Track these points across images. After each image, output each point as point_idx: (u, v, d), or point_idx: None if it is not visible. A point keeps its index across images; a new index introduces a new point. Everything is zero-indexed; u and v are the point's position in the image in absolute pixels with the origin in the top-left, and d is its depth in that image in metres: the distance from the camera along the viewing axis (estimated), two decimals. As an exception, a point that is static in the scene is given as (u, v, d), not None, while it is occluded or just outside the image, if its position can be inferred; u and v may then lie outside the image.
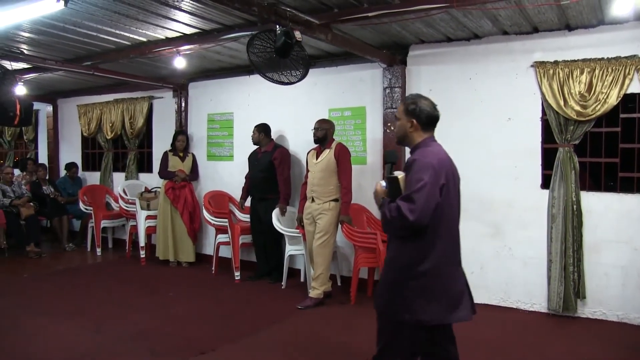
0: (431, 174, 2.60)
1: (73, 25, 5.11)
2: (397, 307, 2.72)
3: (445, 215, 2.70)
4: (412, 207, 2.53)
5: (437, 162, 2.68)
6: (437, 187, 2.62)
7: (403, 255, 2.73)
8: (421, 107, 2.84)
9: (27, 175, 9.52)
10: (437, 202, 2.61)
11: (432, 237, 2.67)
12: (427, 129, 2.88)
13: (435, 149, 2.82)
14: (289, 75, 4.52)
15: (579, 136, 5.04)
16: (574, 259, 5.04)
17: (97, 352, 4.22)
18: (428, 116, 2.86)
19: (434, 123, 2.92)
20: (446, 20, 4.89)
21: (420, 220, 2.55)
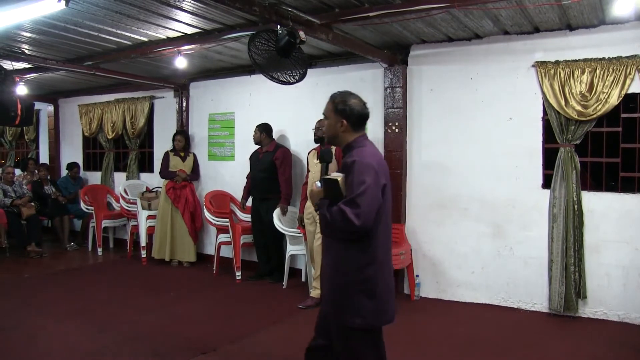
0: (373, 175, 2.54)
1: (74, 25, 5.12)
2: (347, 313, 2.63)
3: (383, 216, 2.65)
4: (357, 212, 2.46)
5: (376, 162, 2.61)
6: (379, 188, 2.57)
7: (348, 258, 2.63)
8: (351, 106, 2.74)
9: (28, 175, 9.54)
10: (379, 204, 2.57)
11: (374, 238, 2.62)
12: (358, 129, 2.78)
13: (370, 148, 2.74)
14: (288, 75, 4.52)
15: (580, 136, 5.04)
16: (575, 258, 5.04)
17: (98, 352, 4.22)
18: (359, 116, 2.76)
19: (364, 122, 2.81)
20: (447, 20, 4.89)
21: (366, 224, 2.48)
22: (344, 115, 2.73)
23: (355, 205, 2.46)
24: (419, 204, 5.93)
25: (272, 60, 4.35)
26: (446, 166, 5.74)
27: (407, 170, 5.96)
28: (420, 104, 5.89)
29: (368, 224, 2.49)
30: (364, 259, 2.61)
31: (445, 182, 5.75)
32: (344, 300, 2.64)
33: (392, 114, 5.92)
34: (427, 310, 5.44)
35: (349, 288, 2.63)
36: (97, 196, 8.71)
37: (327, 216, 2.55)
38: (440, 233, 5.80)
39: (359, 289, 2.61)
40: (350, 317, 2.62)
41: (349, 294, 2.63)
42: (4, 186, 8.23)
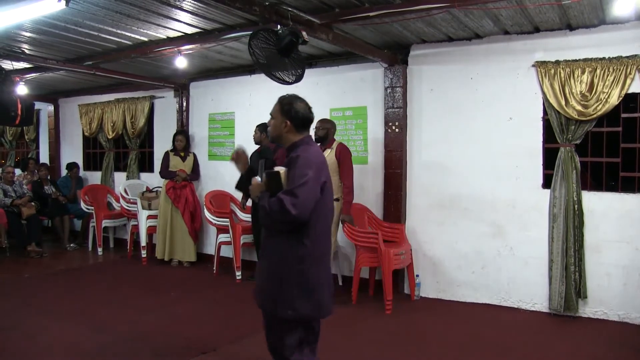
0: (314, 170, 2.67)
1: (74, 25, 5.12)
2: (280, 303, 2.74)
3: (322, 212, 2.76)
4: (295, 201, 2.56)
5: (317, 159, 2.76)
6: (319, 184, 2.69)
7: (285, 251, 2.74)
8: (296, 109, 2.86)
9: (29, 175, 9.54)
10: (317, 199, 2.67)
11: (311, 233, 2.72)
12: (302, 130, 2.89)
13: (314, 148, 2.87)
14: (287, 75, 4.52)
15: (580, 136, 5.04)
16: (575, 258, 5.04)
17: (98, 352, 4.22)
18: (303, 118, 2.87)
19: (308, 125, 2.93)
20: (447, 20, 4.89)
21: (302, 214, 2.58)
22: (288, 116, 2.85)
23: (294, 195, 2.58)
24: (419, 204, 5.93)
25: (272, 59, 4.35)
26: (446, 166, 5.74)
27: (407, 170, 5.96)
28: (421, 103, 5.89)
29: (304, 215, 2.60)
30: (300, 252, 2.71)
31: (446, 182, 5.75)
32: (278, 291, 2.76)
33: (392, 113, 5.92)
34: (427, 310, 5.44)
35: (283, 280, 2.74)
36: (97, 196, 8.71)
37: (266, 207, 2.66)
38: (441, 233, 5.80)
39: (294, 281, 2.72)
40: (283, 309, 2.74)
41: (284, 285, 2.74)
42: (4, 186, 8.24)
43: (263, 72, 4.40)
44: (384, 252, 5.28)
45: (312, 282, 2.74)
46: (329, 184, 2.81)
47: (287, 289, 2.72)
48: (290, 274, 2.72)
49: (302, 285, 2.72)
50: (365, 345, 4.45)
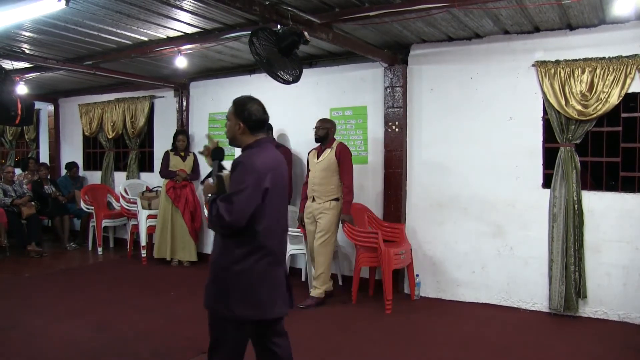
0: (254, 177, 2.66)
1: (74, 25, 5.12)
2: (220, 304, 2.75)
3: (268, 216, 2.74)
4: (230, 208, 2.59)
5: (261, 165, 2.72)
6: (259, 190, 2.67)
7: (226, 253, 2.74)
8: (250, 110, 2.86)
9: (29, 175, 9.54)
10: (257, 205, 2.66)
11: (254, 236, 2.72)
12: (256, 132, 2.88)
13: (264, 151, 2.84)
14: (286, 74, 4.52)
15: (580, 136, 5.04)
16: (575, 258, 5.04)
17: (98, 352, 4.22)
18: (256, 120, 2.87)
19: (263, 126, 2.92)
20: (447, 19, 4.89)
21: (236, 222, 2.60)
22: (242, 119, 2.85)
23: (229, 202, 2.61)
24: (419, 204, 5.93)
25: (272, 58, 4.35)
26: (446, 166, 5.74)
27: (407, 170, 5.96)
28: (421, 103, 5.89)
29: (238, 222, 2.61)
30: (240, 254, 2.71)
31: (446, 181, 5.75)
32: (217, 289, 2.76)
33: (392, 113, 5.93)
34: (427, 310, 5.44)
35: (223, 279, 2.75)
36: (97, 196, 8.70)
37: (211, 210, 2.68)
38: (441, 233, 5.81)
39: (232, 281, 2.72)
40: (218, 306, 2.76)
41: (222, 284, 2.74)
42: (4, 186, 8.24)
43: (264, 68, 4.40)
44: (384, 251, 5.28)
45: (251, 283, 2.72)
46: (278, 189, 2.80)
47: (224, 288, 2.73)
48: (228, 274, 2.73)
49: (239, 285, 2.71)
50: (365, 344, 4.45)
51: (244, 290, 2.72)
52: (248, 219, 2.64)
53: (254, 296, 2.74)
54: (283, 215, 2.94)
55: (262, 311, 2.78)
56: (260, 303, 2.76)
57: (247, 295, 2.73)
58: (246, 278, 2.72)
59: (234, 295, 2.72)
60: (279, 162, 2.89)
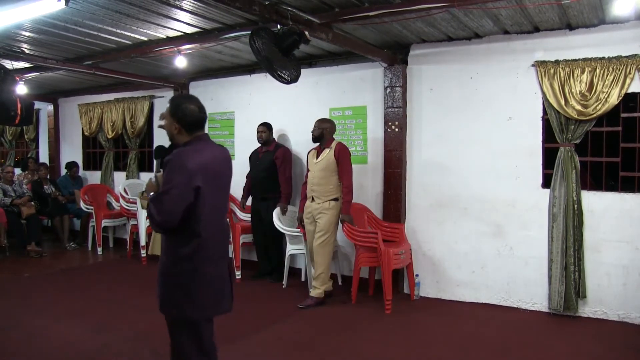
0: (183, 175, 2.60)
1: (74, 25, 5.11)
2: (167, 304, 2.74)
3: (205, 214, 2.69)
4: (159, 208, 2.58)
5: (192, 163, 2.65)
6: (189, 188, 2.60)
7: (168, 252, 2.74)
8: (184, 111, 2.78)
9: (29, 175, 9.54)
10: (189, 203, 2.61)
11: (193, 236, 2.68)
12: (192, 131, 2.82)
13: (199, 149, 2.77)
14: (285, 74, 4.53)
15: (579, 135, 5.04)
16: (574, 258, 5.04)
17: (98, 352, 4.22)
18: (191, 120, 2.80)
19: (200, 126, 2.85)
20: (447, 19, 4.89)
21: (166, 222, 2.59)
22: (176, 118, 2.79)
23: (159, 202, 2.59)
24: (418, 204, 5.93)
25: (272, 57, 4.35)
26: (446, 166, 5.74)
27: (406, 170, 5.96)
28: (420, 103, 5.89)
29: (168, 221, 2.59)
30: (181, 253, 2.68)
31: (445, 181, 5.75)
32: (163, 290, 2.76)
33: (391, 113, 5.93)
34: (427, 310, 5.45)
35: (167, 279, 2.74)
36: (97, 196, 8.70)
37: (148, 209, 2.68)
38: (440, 232, 5.81)
39: (175, 281, 2.71)
40: (168, 308, 2.75)
41: (167, 285, 2.74)
42: (3, 185, 8.23)
43: (265, 67, 4.39)
44: (384, 251, 5.28)
45: (194, 283, 2.70)
46: (214, 187, 2.75)
47: (171, 288, 2.72)
48: (172, 274, 2.71)
49: (185, 286, 2.69)
50: (364, 344, 4.45)
51: (190, 290, 2.69)
52: (185, 218, 2.61)
53: (199, 295, 2.71)
54: (222, 214, 2.89)
55: (210, 310, 2.78)
56: (206, 302, 2.75)
57: (193, 295, 2.70)
58: (190, 278, 2.69)
59: (182, 296, 2.69)
60: (216, 160, 2.82)
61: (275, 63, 4.34)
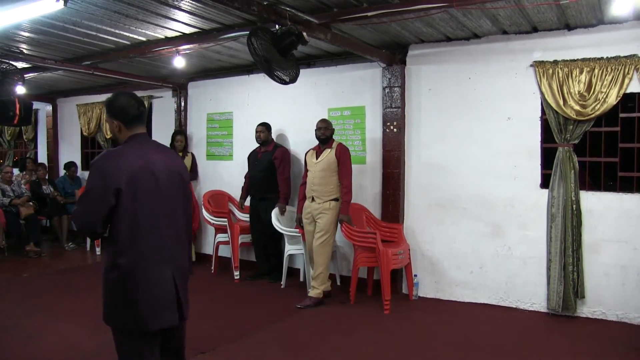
0: (101, 178, 2.50)
1: (73, 25, 5.11)
2: (106, 312, 2.61)
3: (141, 219, 2.53)
4: (77, 211, 2.54)
5: (114, 165, 2.52)
6: (108, 191, 2.47)
7: (106, 258, 2.61)
8: (118, 103, 2.68)
9: (27, 175, 9.53)
10: (110, 206, 2.48)
11: (125, 241, 2.52)
12: (132, 126, 2.69)
13: (131, 148, 2.63)
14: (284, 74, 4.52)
15: (578, 136, 5.05)
16: (573, 258, 5.04)
17: (97, 352, 4.22)
18: (128, 112, 2.67)
19: (137, 120, 2.71)
20: (446, 19, 4.89)
21: (83, 225, 2.52)
22: (114, 116, 2.69)
23: (78, 204, 2.57)
24: (417, 204, 5.93)
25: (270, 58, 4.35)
26: (445, 166, 5.74)
27: (405, 170, 5.96)
28: (419, 103, 5.89)
29: (85, 225, 2.51)
30: (114, 259, 2.54)
31: (444, 181, 5.75)
32: (104, 298, 2.62)
33: (390, 113, 5.93)
34: (426, 310, 5.45)
35: (105, 286, 2.60)
36: (96, 196, 8.67)
37: None
38: (439, 233, 5.81)
39: (111, 288, 2.57)
40: (107, 317, 2.62)
41: (105, 292, 2.60)
42: (2, 186, 8.22)
43: (262, 68, 4.39)
44: (382, 252, 5.28)
45: (129, 290, 2.53)
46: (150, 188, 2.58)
47: (109, 296, 2.58)
48: (109, 280, 2.56)
49: (119, 293, 2.54)
50: (363, 345, 4.45)
51: (126, 299, 2.53)
52: (113, 222, 2.51)
53: (133, 305, 2.53)
54: (168, 220, 2.66)
55: (143, 322, 2.54)
56: (141, 313, 2.54)
57: (127, 304, 2.53)
58: (124, 286, 2.53)
59: (119, 305, 2.55)
60: (151, 161, 2.63)
61: (272, 64, 4.33)
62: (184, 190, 2.77)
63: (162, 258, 2.61)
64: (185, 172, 2.84)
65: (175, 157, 2.85)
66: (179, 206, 2.72)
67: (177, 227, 2.71)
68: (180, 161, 2.88)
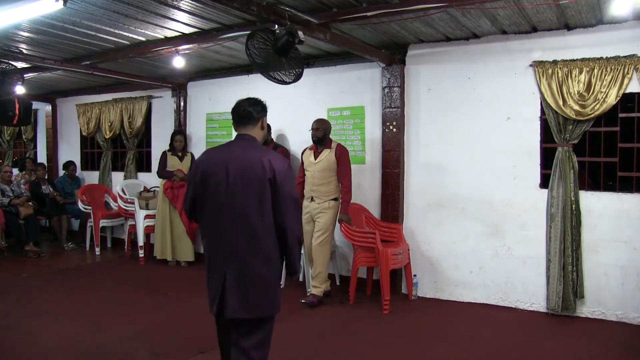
0: (192, 170, 2.89)
1: (72, 25, 5.11)
2: None
3: (207, 209, 2.78)
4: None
5: (200, 160, 2.88)
6: (192, 183, 2.84)
7: None
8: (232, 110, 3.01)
9: (26, 175, 9.52)
10: (193, 197, 2.84)
11: (200, 228, 2.91)
12: (237, 127, 2.97)
13: (221, 146, 2.96)
14: (285, 75, 4.52)
15: (577, 136, 5.05)
16: (572, 258, 5.04)
17: (96, 352, 4.22)
18: (233, 117, 3.00)
19: (238, 122, 2.97)
20: (445, 19, 4.89)
21: (184, 209, 2.93)
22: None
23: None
24: (416, 204, 5.93)
25: (269, 59, 4.35)
26: (444, 166, 5.74)
27: (405, 170, 5.96)
28: (418, 103, 5.89)
29: (185, 210, 2.93)
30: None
31: (443, 181, 5.75)
32: None
33: (389, 113, 5.93)
34: (425, 310, 5.45)
35: None
36: (95, 196, 8.69)
37: None
38: (438, 233, 5.81)
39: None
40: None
41: None
42: (1, 186, 8.22)
43: (260, 72, 4.40)
44: (382, 251, 5.28)
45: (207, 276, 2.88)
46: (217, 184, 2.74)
47: None
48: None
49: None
50: (362, 345, 4.45)
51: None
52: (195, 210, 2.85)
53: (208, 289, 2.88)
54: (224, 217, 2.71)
55: (210, 306, 2.87)
56: (208, 296, 2.87)
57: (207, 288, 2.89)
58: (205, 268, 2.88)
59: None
60: (227, 157, 2.76)
61: (269, 66, 4.33)
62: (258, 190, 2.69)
63: (220, 253, 2.76)
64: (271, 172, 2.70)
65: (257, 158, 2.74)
66: (250, 205, 2.69)
67: (248, 226, 2.69)
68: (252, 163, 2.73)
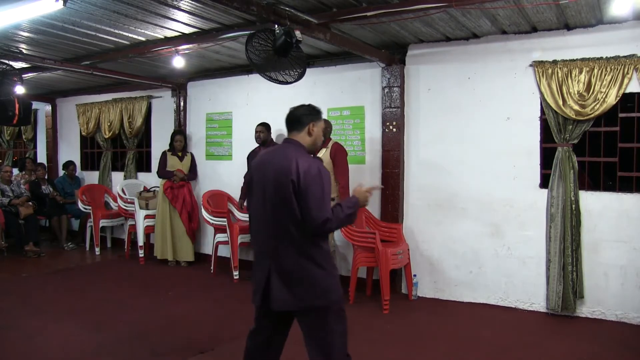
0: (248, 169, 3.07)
1: (72, 25, 5.11)
2: None
3: (252, 206, 2.97)
4: None
5: (254, 160, 3.11)
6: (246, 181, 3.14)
7: None
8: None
9: (26, 175, 9.51)
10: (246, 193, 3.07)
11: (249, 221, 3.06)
12: (288, 131, 3.19)
13: (267, 150, 3.16)
14: (286, 75, 4.52)
15: (577, 136, 5.05)
16: (572, 258, 5.04)
17: (96, 352, 4.22)
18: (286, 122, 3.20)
19: (288, 126, 3.20)
20: (445, 19, 4.89)
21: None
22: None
23: None
24: (416, 204, 5.93)
25: (270, 60, 4.35)
26: (444, 166, 5.74)
27: (404, 170, 5.96)
28: (418, 103, 5.89)
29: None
30: None
31: (443, 181, 5.75)
32: None
33: (389, 113, 5.93)
34: (425, 310, 5.45)
35: None
36: (95, 196, 8.70)
37: None
38: (438, 232, 5.81)
39: None
40: None
41: None
42: (1, 186, 8.22)
43: (259, 73, 4.40)
44: (382, 251, 5.28)
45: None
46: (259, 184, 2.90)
47: None
48: None
49: None
50: (362, 345, 4.44)
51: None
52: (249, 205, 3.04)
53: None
54: (262, 217, 2.86)
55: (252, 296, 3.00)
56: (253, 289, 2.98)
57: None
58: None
59: None
60: (269, 158, 2.97)
61: (270, 67, 4.33)
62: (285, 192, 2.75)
63: (260, 248, 2.95)
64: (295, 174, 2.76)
65: (288, 161, 2.82)
66: (278, 206, 2.80)
67: (276, 226, 2.83)
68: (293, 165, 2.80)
